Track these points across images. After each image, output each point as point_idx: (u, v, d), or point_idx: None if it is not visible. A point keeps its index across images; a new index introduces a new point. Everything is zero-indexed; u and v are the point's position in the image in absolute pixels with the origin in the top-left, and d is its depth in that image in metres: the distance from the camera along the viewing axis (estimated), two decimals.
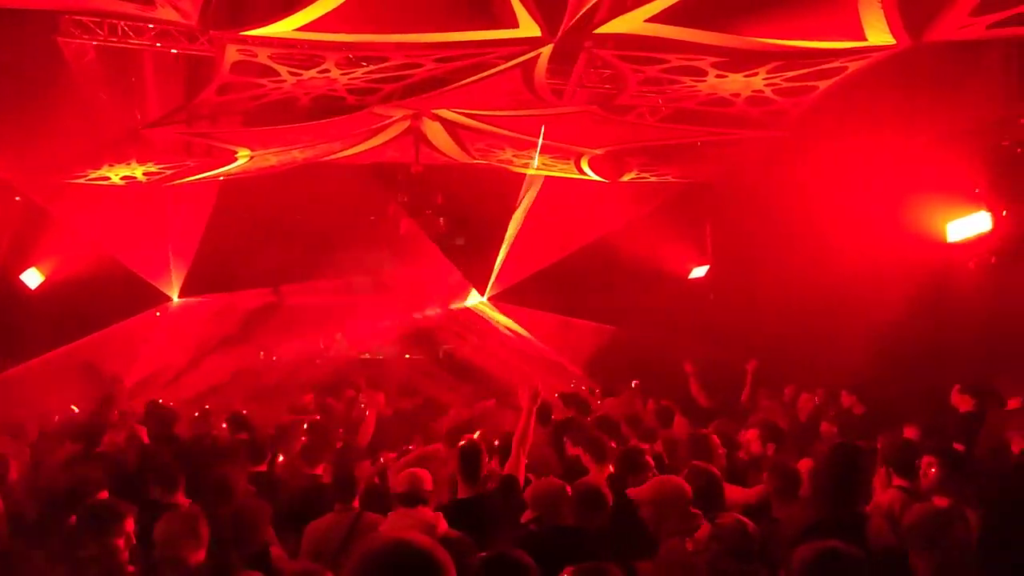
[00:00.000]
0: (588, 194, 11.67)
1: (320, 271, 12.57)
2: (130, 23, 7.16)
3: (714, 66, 7.04)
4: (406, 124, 9.29)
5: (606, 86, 8.30)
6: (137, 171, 9.58)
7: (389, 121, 9.07)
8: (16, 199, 10.35)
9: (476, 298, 14.42)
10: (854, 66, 6.93)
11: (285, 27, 5.84)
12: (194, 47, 7.37)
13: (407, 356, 15.71)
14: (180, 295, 12.94)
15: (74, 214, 10.73)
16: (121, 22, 7.13)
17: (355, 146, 10.09)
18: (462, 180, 11.36)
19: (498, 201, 12.76)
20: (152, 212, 11.22)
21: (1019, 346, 8.09)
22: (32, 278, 11.49)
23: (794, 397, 9.06)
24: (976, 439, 6.25)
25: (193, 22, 6.16)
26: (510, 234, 13.15)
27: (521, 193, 12.67)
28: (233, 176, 10.54)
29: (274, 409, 9.49)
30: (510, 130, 9.32)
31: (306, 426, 7.22)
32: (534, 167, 10.61)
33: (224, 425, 7.79)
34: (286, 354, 13.99)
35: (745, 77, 7.27)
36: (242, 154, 9.43)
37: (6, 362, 10.48)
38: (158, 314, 12.79)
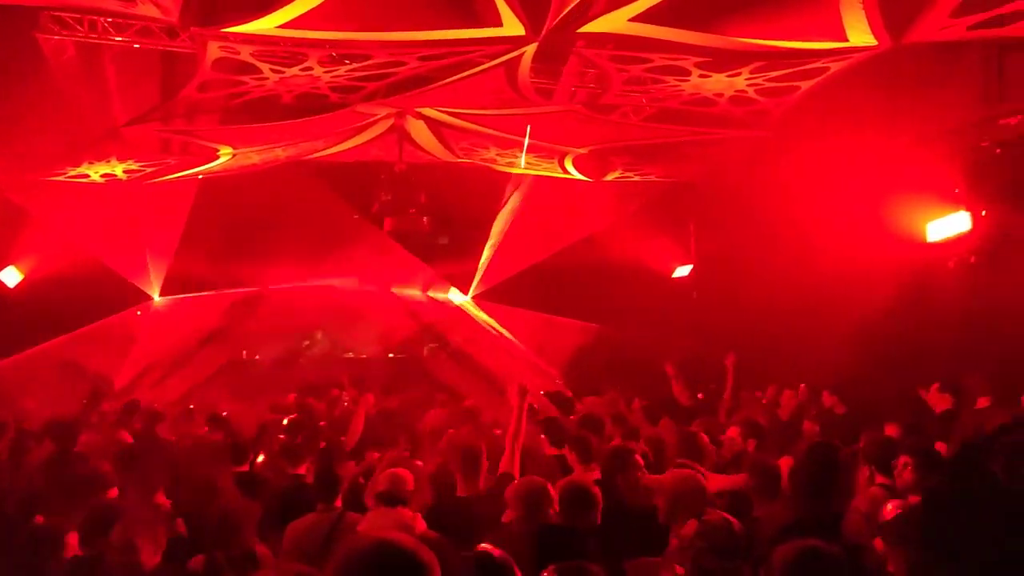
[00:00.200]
0: (572, 193, 11.68)
1: (302, 269, 12.52)
2: (110, 19, 7.10)
3: (697, 66, 7.07)
4: (390, 122, 9.26)
5: (590, 85, 8.31)
6: (117, 169, 9.49)
7: (372, 119, 9.03)
8: None
9: (460, 297, 14.40)
10: (836, 67, 6.97)
11: (267, 24, 5.80)
12: (175, 44, 7.32)
13: (391, 355, 15.69)
14: (161, 294, 12.84)
15: (53, 212, 10.62)
16: (101, 18, 7.07)
17: (338, 144, 10.05)
18: (446, 179, 11.34)
19: (482, 200, 12.74)
20: (132, 210, 11.12)
21: (997, 345, 8.18)
22: (10, 276, 11.37)
23: (775, 396, 9.10)
24: (951, 438, 6.31)
25: (174, 19, 6.11)
26: (494, 233, 13.14)
27: (507, 193, 12.67)
28: (215, 174, 10.46)
29: (257, 409, 9.45)
30: (494, 129, 9.31)
31: (285, 423, 7.19)
32: (520, 166, 10.60)
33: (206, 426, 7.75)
34: (269, 353, 13.93)
35: (728, 77, 7.30)
36: (224, 152, 9.37)
37: None
38: (139, 313, 12.69)
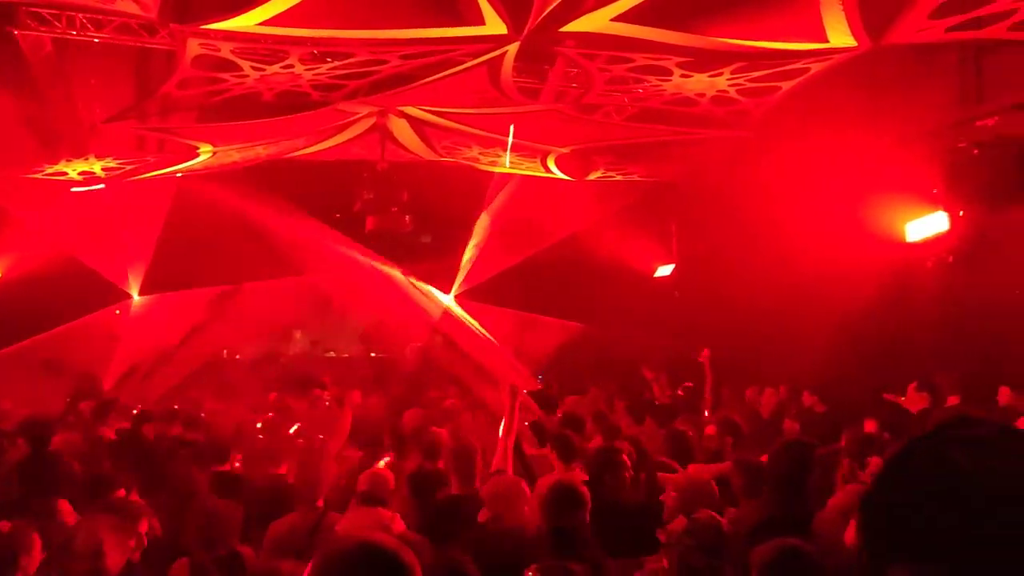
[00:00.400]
0: (555, 193, 11.69)
1: (283, 268, 12.45)
2: (89, 16, 7.03)
3: (679, 66, 7.09)
4: (372, 121, 9.23)
5: (573, 85, 8.32)
6: (95, 166, 9.40)
7: (354, 118, 8.99)
8: None
9: (443, 296, 14.37)
10: (816, 67, 7.01)
11: (247, 21, 5.76)
12: (155, 41, 7.25)
13: (373, 354, 15.65)
14: (140, 292, 12.73)
15: (30, 210, 10.51)
16: (80, 14, 7.00)
17: (320, 142, 10.00)
18: (428, 178, 11.31)
19: (465, 199, 12.72)
20: (111, 208, 11.02)
21: (974, 343, 8.28)
22: None
23: (756, 397, 9.17)
24: None
25: (153, 15, 6.06)
26: (477, 232, 13.13)
27: (493, 193, 12.66)
28: (195, 172, 10.39)
29: (238, 408, 9.40)
30: (477, 128, 9.30)
31: (259, 425, 7.18)
32: (505, 165, 10.59)
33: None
34: (250, 352, 13.86)
35: (710, 77, 7.33)
36: (204, 150, 9.30)
37: None
38: (118, 312, 12.58)
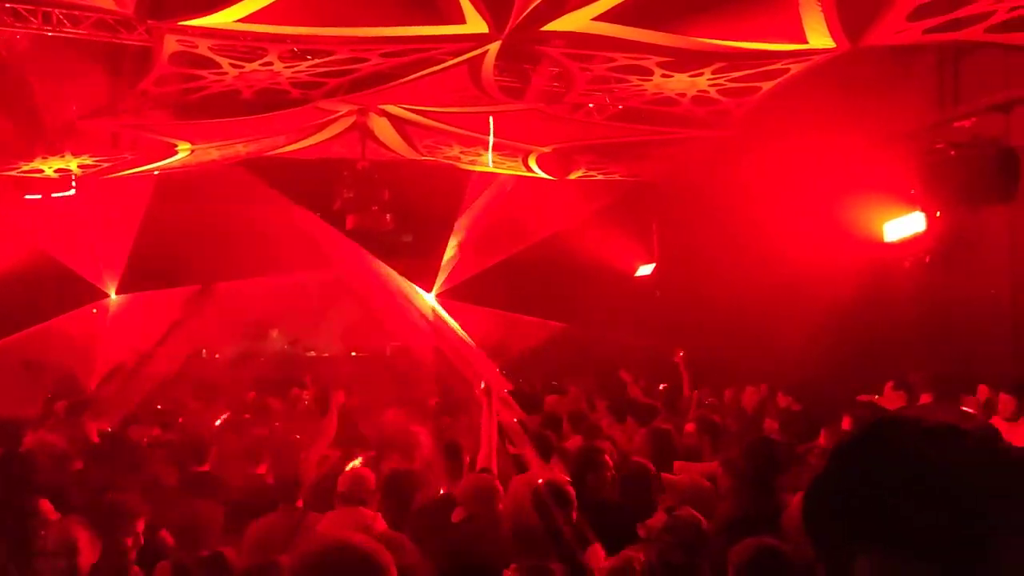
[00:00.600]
0: (536, 192, 11.69)
1: (263, 267, 12.37)
2: (65, 11, 6.94)
3: (660, 65, 7.11)
4: (352, 119, 9.18)
5: (554, 84, 8.32)
6: (72, 163, 9.30)
7: (335, 116, 8.95)
8: None
9: (425, 295, 14.34)
10: (796, 68, 7.05)
11: (225, 18, 5.71)
12: (132, 37, 7.17)
13: (353, 354, 15.59)
14: (118, 291, 12.60)
15: (5, 208, 10.38)
16: (56, 10, 6.91)
17: (300, 141, 9.95)
18: (409, 176, 11.28)
19: (446, 198, 12.70)
20: (88, 207, 10.91)
21: (950, 341, 8.36)
22: None
23: (735, 397, 9.22)
24: None
25: (129, 11, 6.00)
26: (458, 231, 13.11)
27: (478, 192, 12.64)
28: (173, 170, 10.30)
29: (217, 407, 9.33)
30: (458, 127, 9.28)
31: (223, 423, 7.17)
32: (488, 165, 10.58)
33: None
34: (228, 352, 13.75)
35: (690, 77, 7.35)
36: (182, 148, 9.22)
37: None
38: (95, 311, 12.46)
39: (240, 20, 5.78)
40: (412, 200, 11.48)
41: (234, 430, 7.12)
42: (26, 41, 7.27)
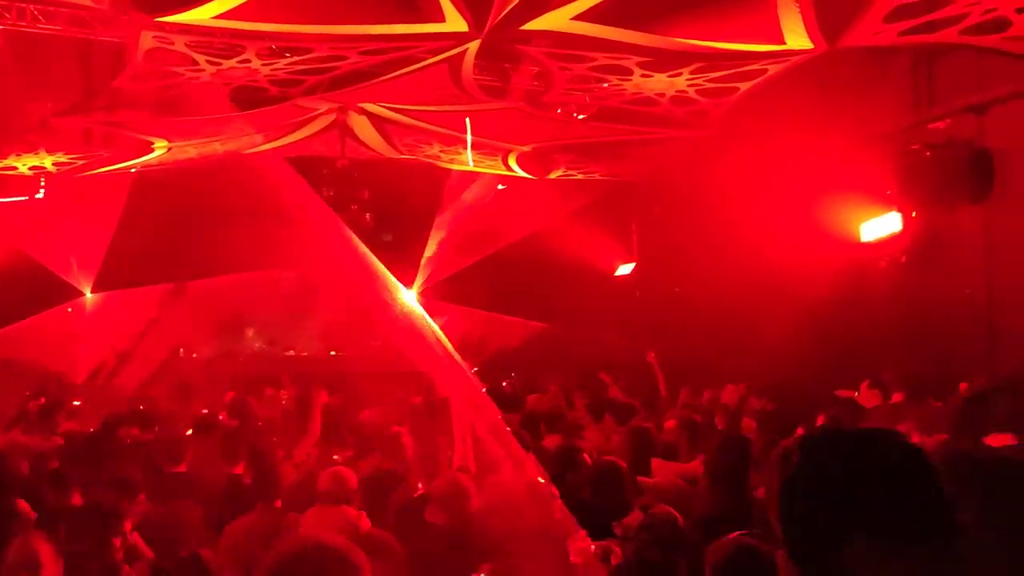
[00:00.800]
0: (516, 191, 11.68)
1: (241, 265, 12.28)
2: (40, 7, 6.86)
3: (640, 65, 7.12)
4: (332, 118, 9.14)
5: (534, 83, 8.31)
6: (46, 161, 9.19)
7: (314, 114, 8.91)
8: None
9: (405, 293, 14.28)
10: (774, 69, 7.09)
11: (202, 15, 5.66)
12: (107, 33, 7.10)
13: (332, 353, 15.51)
14: (93, 290, 12.45)
15: None
16: (31, 6, 6.82)
17: (279, 139, 9.88)
18: (389, 175, 11.25)
19: (426, 197, 12.67)
20: (63, 205, 10.78)
21: (925, 340, 8.44)
22: None
23: (715, 394, 9.24)
24: None
25: (105, 7, 5.93)
26: (438, 230, 13.08)
27: (457, 191, 12.61)
28: (150, 167, 10.20)
29: (194, 407, 9.26)
30: (437, 125, 9.25)
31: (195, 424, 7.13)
32: (468, 164, 10.56)
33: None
34: (205, 351, 13.64)
35: (669, 77, 7.37)
36: (159, 145, 9.14)
37: None
38: (69, 310, 12.30)
39: (217, 16, 5.74)
40: (392, 198, 11.46)
41: (211, 430, 7.06)
42: (1, 38, 7.18)
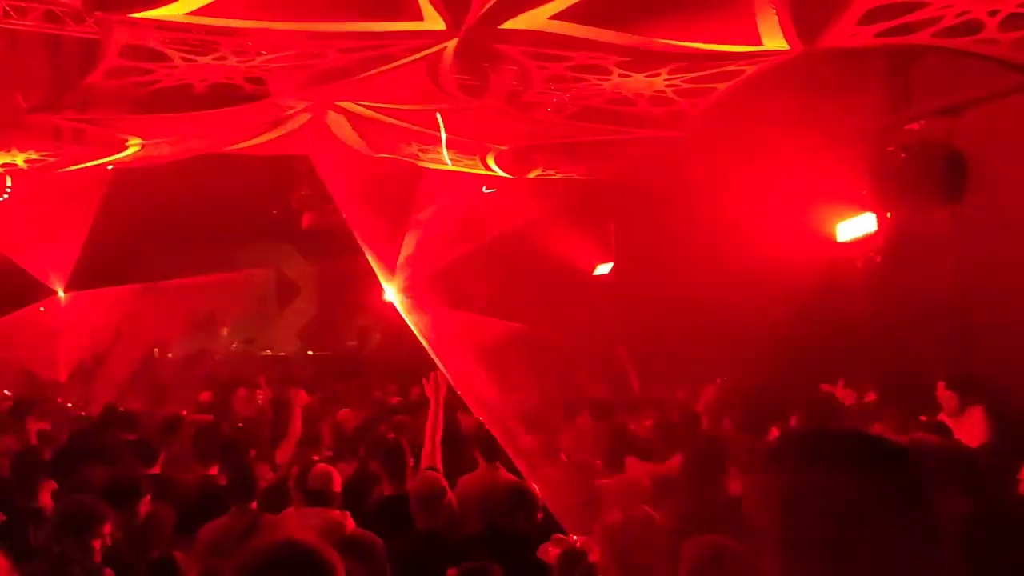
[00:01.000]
0: (494, 190, 11.67)
1: (217, 264, 12.20)
2: (11, 2, 6.76)
3: (618, 65, 7.13)
4: (308, 116, 9.07)
5: (513, 82, 8.30)
6: (18, 158, 9.07)
7: (291, 112, 8.83)
8: None
9: (384, 292, 14.22)
10: (751, 70, 7.12)
11: (175, 11, 5.60)
12: (81, 29, 7.01)
13: (310, 352, 15.44)
14: (66, 289, 12.29)
15: None
16: (2, 1, 6.72)
17: (255, 137, 9.80)
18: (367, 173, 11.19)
19: (403, 196, 12.61)
20: (36, 201, 10.65)
21: (899, 339, 8.53)
22: None
23: (692, 394, 9.31)
24: None
25: (77, 2, 5.86)
26: (413, 229, 13.02)
27: (434, 190, 12.55)
28: (125, 165, 10.09)
29: (169, 407, 9.20)
30: (416, 124, 9.21)
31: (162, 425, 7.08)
32: (445, 163, 10.52)
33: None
34: (180, 351, 13.52)
35: (647, 77, 7.38)
36: (132, 143, 9.03)
37: None
38: (42, 309, 12.15)
39: (191, 13, 5.67)
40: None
41: (176, 430, 7.02)
42: None
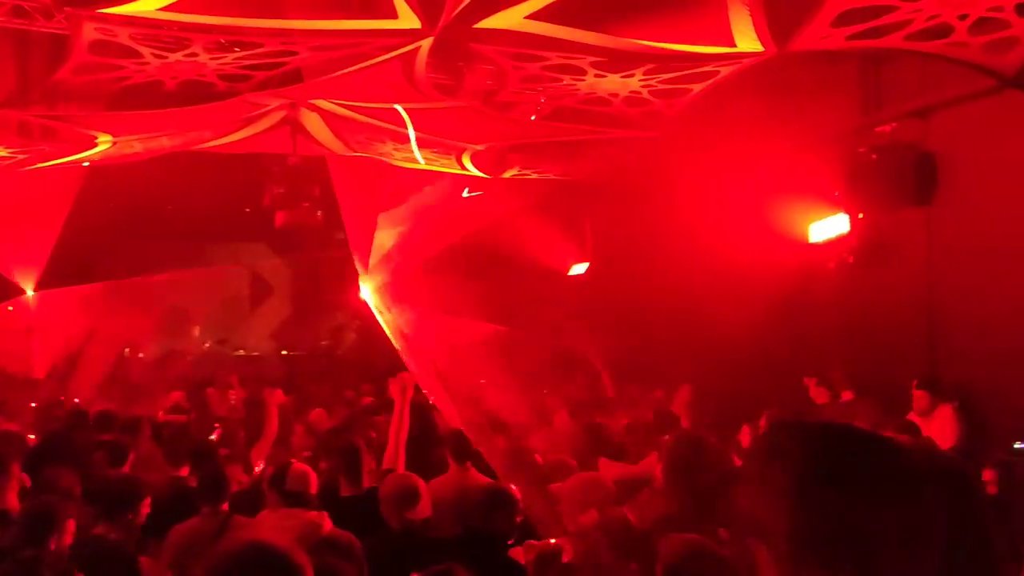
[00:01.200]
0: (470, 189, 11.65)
1: (190, 262, 12.08)
2: None
3: (593, 66, 7.14)
4: (282, 114, 9.01)
5: (488, 82, 8.29)
6: None
7: (264, 110, 8.76)
8: None
9: (361, 292, 14.15)
10: (725, 71, 7.16)
11: (147, 6, 5.53)
12: (50, 25, 6.92)
13: (284, 352, 15.34)
14: (36, 288, 12.11)
15: None
16: None
17: (228, 135, 9.71)
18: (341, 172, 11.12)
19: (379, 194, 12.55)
20: (5, 198, 10.49)
21: (871, 339, 8.62)
22: None
23: (668, 393, 9.35)
24: None
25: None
26: (385, 227, 12.97)
27: (409, 188, 12.51)
28: (97, 162, 9.96)
29: (141, 408, 9.11)
30: (390, 123, 9.17)
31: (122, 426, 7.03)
32: (418, 162, 10.49)
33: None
34: (152, 350, 13.38)
35: (622, 78, 7.40)
36: (103, 140, 8.91)
37: None
38: (10, 308, 11.96)
39: (163, 8, 5.61)
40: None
41: (137, 432, 6.95)
42: None
